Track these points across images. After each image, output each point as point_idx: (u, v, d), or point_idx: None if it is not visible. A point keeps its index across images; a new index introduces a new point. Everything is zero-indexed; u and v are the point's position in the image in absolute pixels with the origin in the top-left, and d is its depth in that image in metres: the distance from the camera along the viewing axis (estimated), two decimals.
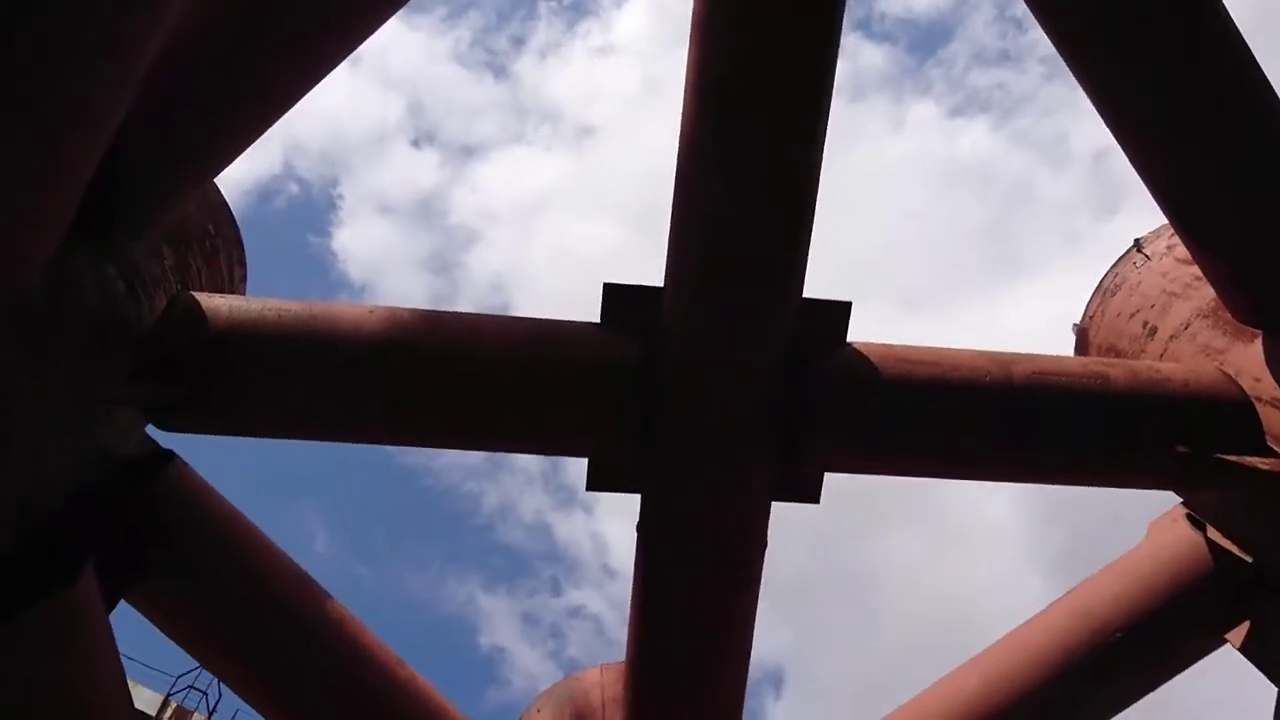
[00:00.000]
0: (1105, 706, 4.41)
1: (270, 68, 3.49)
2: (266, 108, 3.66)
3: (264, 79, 3.51)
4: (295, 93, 3.67)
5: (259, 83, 3.53)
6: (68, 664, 2.99)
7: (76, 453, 3.37)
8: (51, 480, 3.23)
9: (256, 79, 3.50)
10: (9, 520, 3.02)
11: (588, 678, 5.59)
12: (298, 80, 3.63)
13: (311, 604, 3.96)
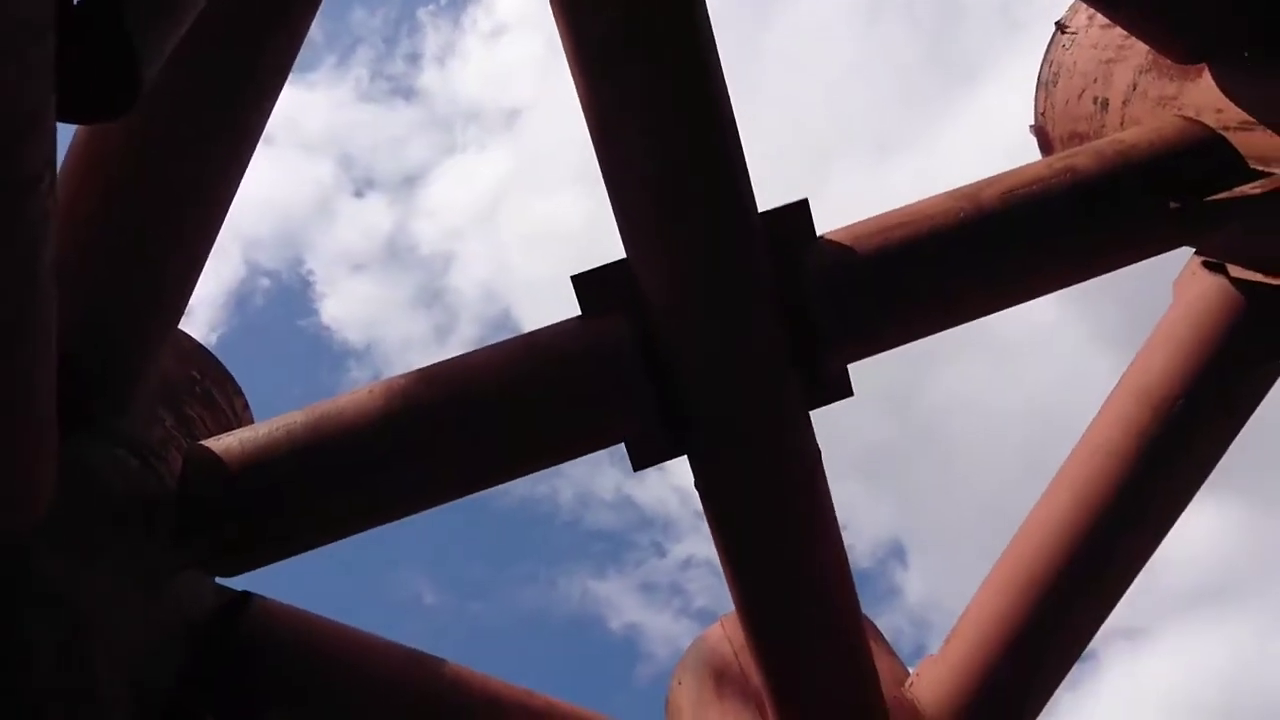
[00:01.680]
0: (1192, 475, 4.45)
1: (202, 170, 3.45)
2: (208, 217, 3.63)
3: (198, 185, 3.47)
4: (232, 185, 3.64)
5: (194, 193, 3.49)
6: None
7: (161, 630, 3.47)
8: (150, 665, 3.33)
9: (190, 190, 3.47)
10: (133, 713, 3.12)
11: (712, 635, 5.69)
12: (233, 169, 3.58)
13: (428, 677, 4.07)
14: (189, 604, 3.71)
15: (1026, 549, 4.90)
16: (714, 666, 5.48)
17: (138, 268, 3.42)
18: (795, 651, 4.33)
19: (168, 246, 3.46)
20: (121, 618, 3.24)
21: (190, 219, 3.53)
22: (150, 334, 3.59)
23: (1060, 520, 4.69)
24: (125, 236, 3.38)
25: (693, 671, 5.59)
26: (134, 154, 3.29)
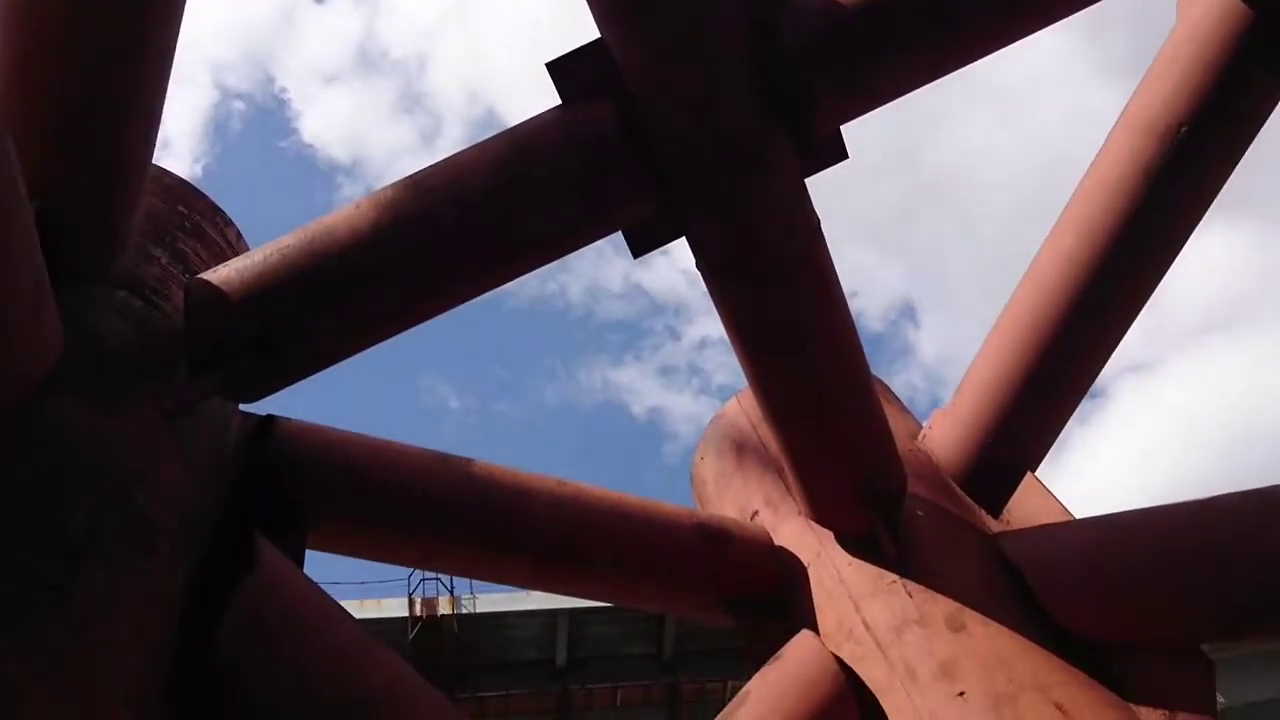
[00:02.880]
0: (1198, 201, 4.40)
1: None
2: (160, 37, 3.50)
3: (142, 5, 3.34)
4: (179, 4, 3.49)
5: (140, 14, 3.36)
6: (299, 635, 3.22)
7: (195, 461, 3.58)
8: (191, 495, 3.46)
9: (135, 12, 3.34)
10: (182, 542, 3.27)
11: (729, 410, 5.85)
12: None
13: (457, 475, 4.23)
14: (216, 433, 3.81)
15: (1033, 291, 4.93)
16: (733, 440, 5.67)
17: (98, 104, 3.31)
18: (809, 417, 4.45)
19: (124, 75, 3.34)
20: (155, 454, 3.34)
21: (141, 41, 3.38)
22: (126, 169, 3.51)
23: (1065, 259, 4.70)
24: (77, 74, 3.25)
25: (714, 446, 5.79)
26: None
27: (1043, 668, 3.99)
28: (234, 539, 3.47)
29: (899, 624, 4.30)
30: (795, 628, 4.65)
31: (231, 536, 3.51)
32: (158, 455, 3.32)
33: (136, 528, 2.99)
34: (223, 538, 3.54)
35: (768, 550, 4.94)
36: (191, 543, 3.32)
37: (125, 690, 2.50)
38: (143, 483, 3.13)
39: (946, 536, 4.63)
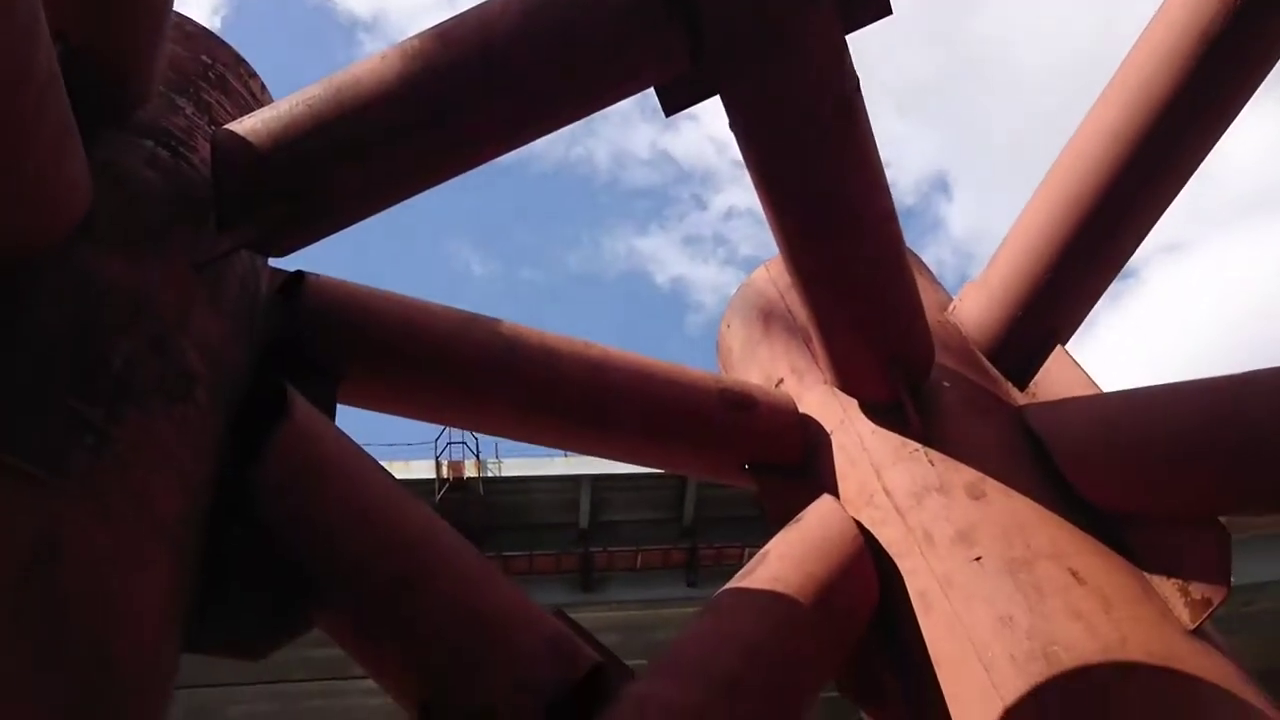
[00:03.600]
0: (1252, 72, 4.22)
1: None
2: None
3: None
4: None
5: None
6: (330, 483, 3.29)
7: (229, 312, 3.61)
8: (226, 345, 3.50)
9: None
10: (217, 392, 3.32)
11: (757, 278, 5.81)
12: None
13: (485, 333, 4.25)
14: (247, 287, 3.83)
15: (1074, 162, 4.80)
16: (760, 308, 5.65)
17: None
18: (840, 284, 4.40)
19: None
20: (187, 305, 3.36)
21: None
22: (147, 9, 3.42)
23: (1111, 129, 4.55)
24: None
25: (740, 314, 5.77)
26: None
27: (1060, 535, 4.05)
28: (267, 390, 3.53)
29: (919, 490, 4.36)
30: (816, 493, 4.73)
31: (264, 387, 3.57)
32: (190, 306, 3.34)
33: (173, 375, 3.03)
34: (256, 389, 3.60)
35: (791, 417, 4.98)
36: (226, 392, 3.38)
37: (166, 529, 2.58)
38: (177, 332, 3.17)
39: (971, 407, 4.64)
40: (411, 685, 2.98)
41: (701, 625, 3.51)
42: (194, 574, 2.72)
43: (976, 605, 3.91)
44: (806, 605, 3.71)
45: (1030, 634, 3.74)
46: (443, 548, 3.12)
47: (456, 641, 2.91)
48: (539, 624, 3.04)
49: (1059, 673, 3.61)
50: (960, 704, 3.80)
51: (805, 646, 3.64)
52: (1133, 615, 3.77)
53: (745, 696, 3.18)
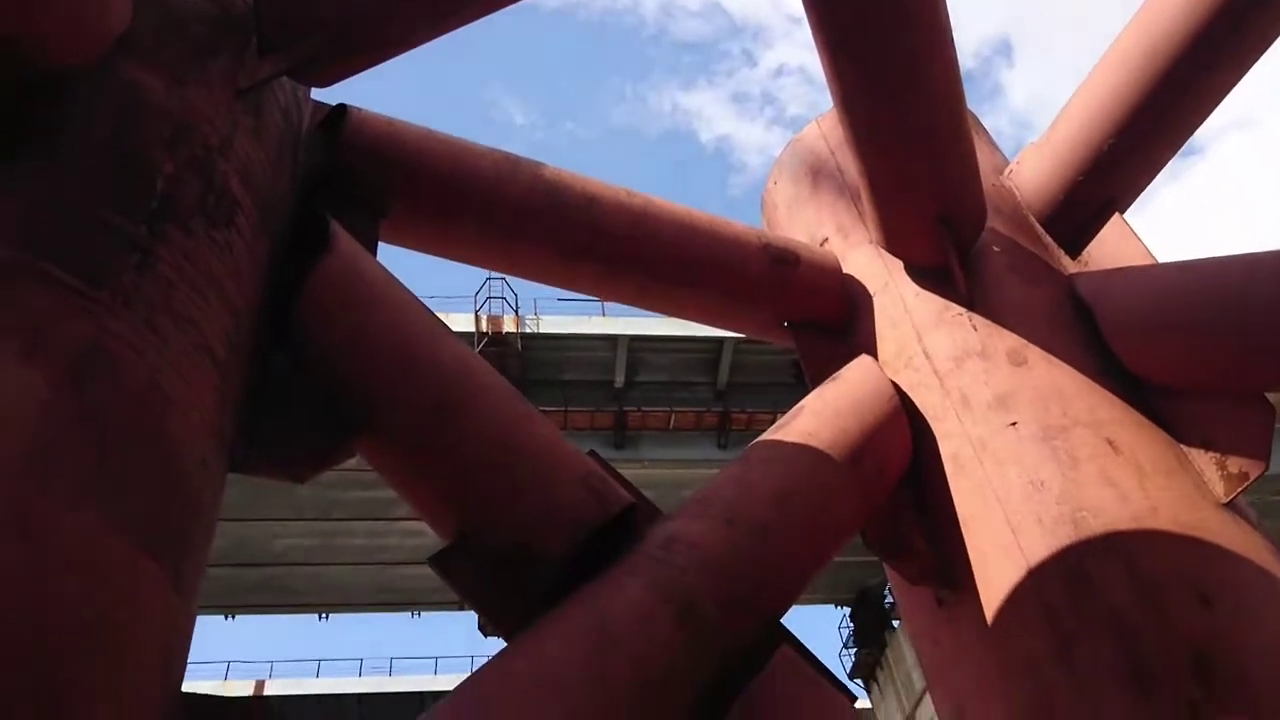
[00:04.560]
0: None
1: None
2: None
3: None
4: None
5: None
6: (371, 314, 3.30)
7: (270, 141, 3.57)
8: (268, 177, 3.47)
9: None
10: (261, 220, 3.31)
11: (808, 134, 5.64)
12: None
13: (527, 175, 4.19)
14: (290, 117, 3.77)
15: (1147, 23, 4.54)
16: (810, 164, 5.51)
17: None
18: (894, 139, 4.26)
19: None
20: (230, 130, 3.32)
21: None
22: None
23: None
24: None
25: (788, 170, 5.63)
26: None
27: (1099, 404, 4.02)
28: (310, 222, 3.52)
29: (959, 355, 4.32)
30: (855, 353, 4.70)
31: (307, 220, 3.56)
32: (233, 132, 3.30)
33: (216, 199, 3.02)
34: (299, 220, 3.59)
35: (835, 276, 4.92)
36: (269, 221, 3.37)
37: (210, 350, 2.61)
38: (220, 157, 3.13)
39: (1019, 273, 4.54)
40: (448, 515, 3.06)
41: (732, 473, 3.56)
42: (238, 398, 2.77)
43: (1009, 469, 3.92)
44: (838, 460, 3.74)
45: (1061, 499, 3.75)
46: (481, 382, 3.15)
47: (493, 472, 2.97)
48: (573, 462, 3.09)
49: (1086, 537, 3.63)
50: (984, 564, 3.86)
51: (833, 499, 3.68)
52: (1165, 486, 3.77)
53: (772, 541, 3.25)
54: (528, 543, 2.89)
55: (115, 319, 2.25)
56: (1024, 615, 3.61)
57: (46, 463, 1.87)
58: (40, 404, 1.91)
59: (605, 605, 2.77)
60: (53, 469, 1.88)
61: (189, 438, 2.26)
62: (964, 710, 3.84)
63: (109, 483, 1.97)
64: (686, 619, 2.84)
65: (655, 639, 2.75)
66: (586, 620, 2.70)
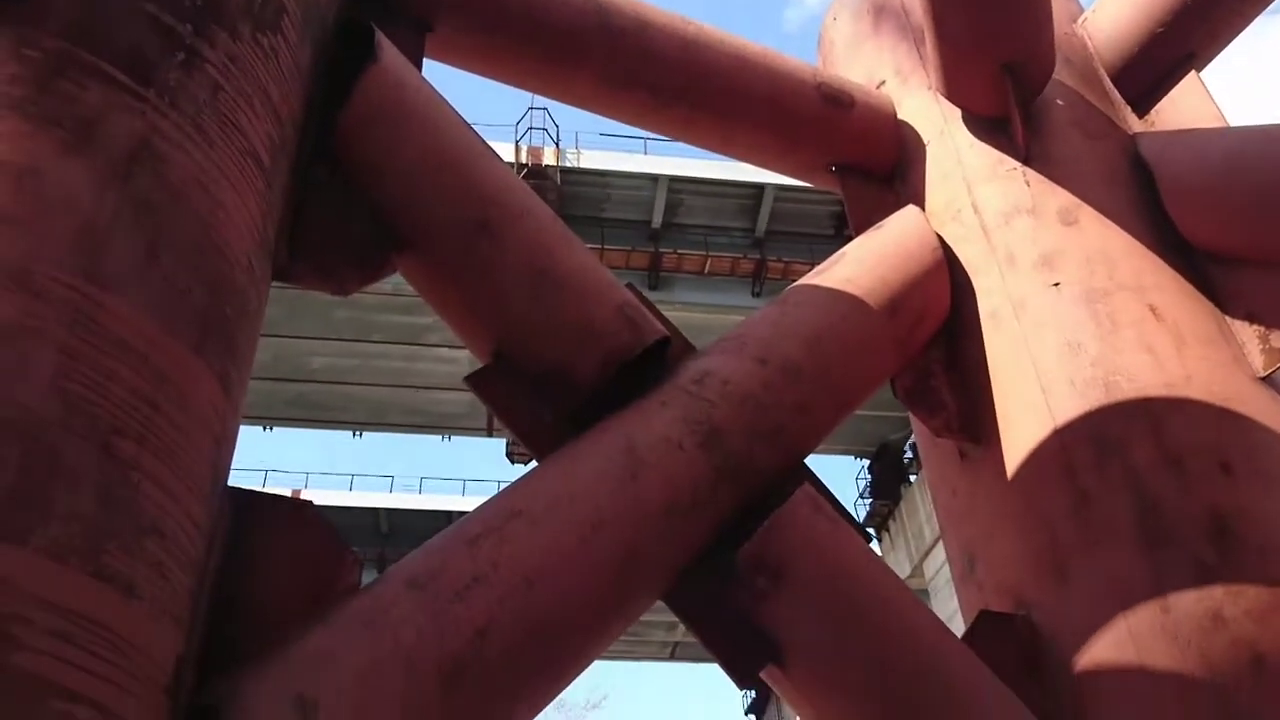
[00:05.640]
0: None
1: None
2: None
3: None
4: None
5: None
6: (415, 127, 3.24)
7: None
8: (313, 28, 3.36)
9: None
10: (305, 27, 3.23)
11: None
12: None
13: None
14: None
15: None
16: (872, 2, 5.26)
17: None
18: None
19: None
20: None
21: None
22: None
23: None
24: None
25: (850, 7, 5.39)
26: None
27: (1147, 269, 3.95)
28: (355, 33, 3.43)
29: (1009, 211, 4.23)
30: (902, 203, 4.62)
31: (352, 31, 3.46)
32: None
33: (263, 3, 2.94)
34: (344, 32, 3.50)
35: (889, 121, 4.77)
36: (314, 30, 3.29)
37: (255, 155, 2.60)
38: None
39: (1081, 128, 4.38)
40: (485, 335, 3.10)
41: (769, 313, 3.56)
42: (282, 206, 2.77)
43: (1046, 330, 3.90)
44: (875, 308, 3.73)
45: (1095, 362, 3.74)
46: (522, 202, 3.13)
47: (531, 292, 2.99)
48: (611, 289, 3.10)
49: (1116, 401, 3.64)
50: (1011, 423, 3.89)
51: (867, 346, 3.69)
52: (1203, 355, 3.74)
53: (803, 382, 3.28)
54: (562, 366, 2.94)
55: (163, 117, 2.24)
56: (1044, 472, 3.67)
57: (95, 255, 1.90)
58: (88, 196, 1.93)
59: (636, 432, 2.83)
60: (102, 262, 1.91)
61: (235, 241, 2.28)
62: (975, 558, 3.96)
63: (158, 280, 2.01)
64: (714, 450, 2.91)
65: (683, 466, 2.82)
66: (617, 444, 2.78)
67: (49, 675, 1.55)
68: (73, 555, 1.65)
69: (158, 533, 1.84)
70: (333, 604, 2.21)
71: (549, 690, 2.53)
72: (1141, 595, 3.27)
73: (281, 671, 2.00)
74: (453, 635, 2.22)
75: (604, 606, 2.60)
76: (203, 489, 2.04)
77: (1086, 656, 3.32)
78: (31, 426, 1.67)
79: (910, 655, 2.94)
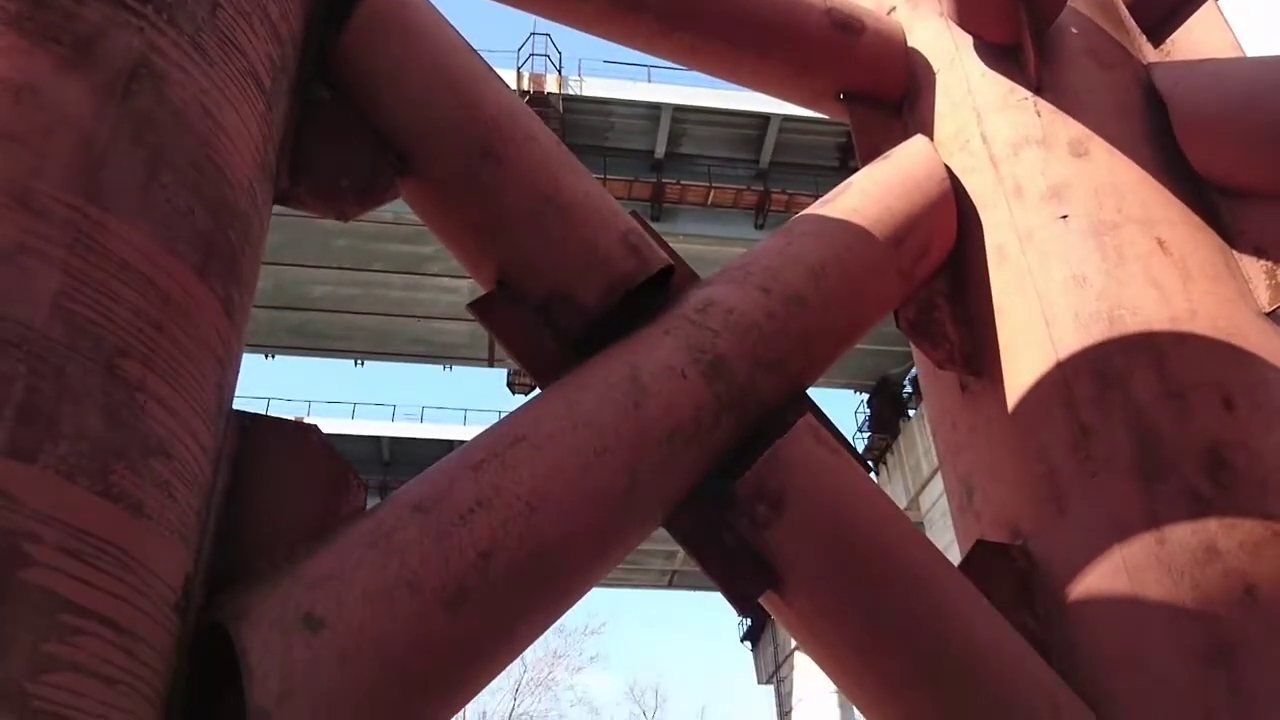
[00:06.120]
0: None
1: None
2: None
3: None
4: None
5: None
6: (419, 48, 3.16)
7: None
8: None
9: None
10: None
11: None
12: None
13: None
14: None
15: None
16: None
17: None
18: None
19: None
20: None
21: None
22: None
23: None
24: None
25: None
26: None
27: (1156, 203, 3.91)
28: None
29: (1019, 141, 4.18)
30: (910, 132, 4.56)
31: None
32: None
33: None
34: None
35: (898, 48, 4.68)
36: None
37: (255, 75, 2.55)
38: None
39: (1095, 58, 4.30)
40: (489, 261, 3.09)
41: (774, 243, 3.54)
42: (283, 128, 2.73)
43: (1052, 262, 3.88)
44: (880, 239, 3.70)
45: (1101, 296, 3.73)
46: (526, 126, 3.09)
47: (535, 218, 2.96)
48: (616, 217, 3.07)
49: (1120, 335, 3.64)
50: (1014, 356, 3.89)
51: (872, 277, 3.67)
52: (1209, 290, 3.72)
53: (807, 312, 3.27)
54: (566, 292, 2.92)
55: (161, 35, 2.20)
56: (1046, 405, 3.68)
57: (95, 174, 1.87)
58: (87, 114, 1.90)
59: (639, 360, 2.83)
60: (103, 180, 1.89)
61: (237, 163, 2.25)
62: (973, 489, 3.99)
63: (160, 201, 1.99)
64: (717, 379, 2.91)
65: (686, 394, 2.83)
66: (620, 372, 2.78)
67: (60, 591, 1.58)
68: (81, 474, 1.67)
69: (164, 454, 1.85)
70: (338, 526, 2.23)
71: (550, 613, 2.57)
72: (1137, 527, 3.30)
73: (288, 591, 2.03)
74: (456, 558, 2.25)
75: (605, 532, 2.63)
76: (208, 411, 2.05)
77: (1080, 586, 3.37)
78: (36, 346, 1.67)
79: (907, 582, 2.98)
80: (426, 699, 2.21)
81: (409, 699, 2.15)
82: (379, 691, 2.06)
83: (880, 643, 2.96)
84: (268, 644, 1.92)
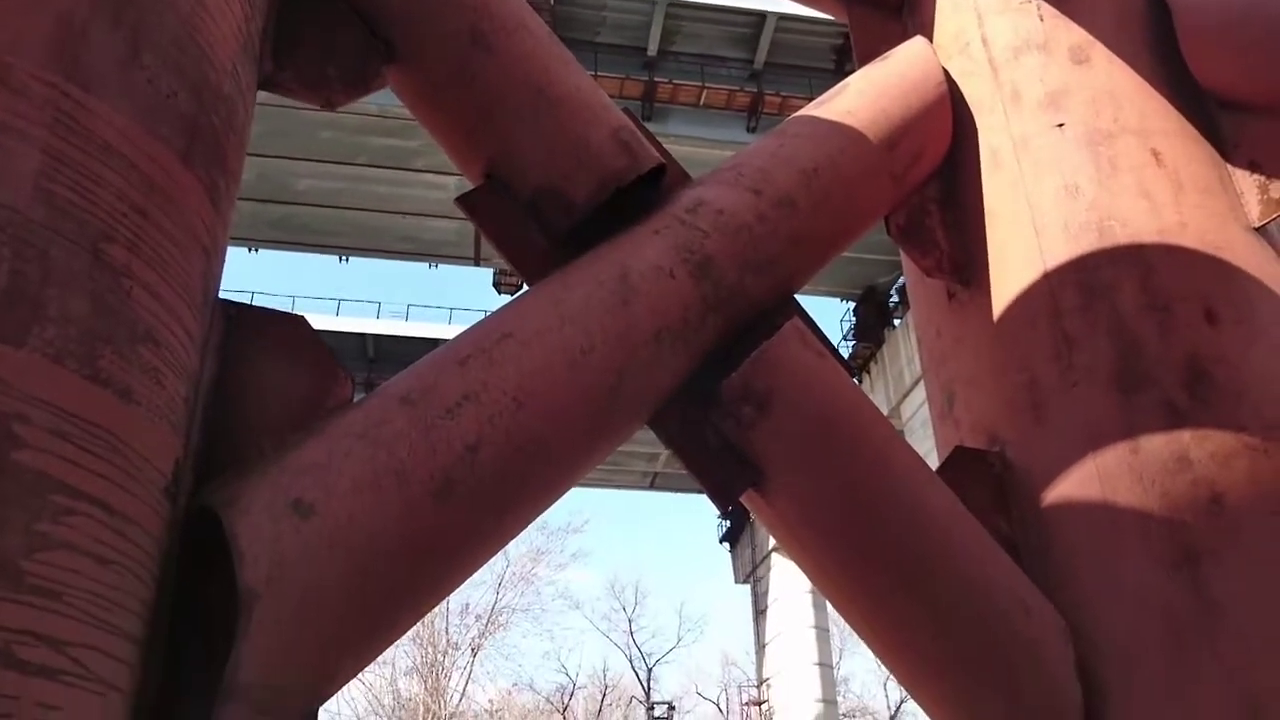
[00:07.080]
0: None
1: None
2: None
3: None
4: None
5: None
6: None
7: None
8: None
9: None
10: None
11: None
12: None
13: None
14: None
15: None
16: None
17: None
18: None
19: None
20: None
21: None
22: None
23: None
24: None
25: None
26: None
27: (1153, 113, 3.87)
28: None
29: (1019, 46, 4.10)
30: (910, 34, 4.46)
31: None
32: None
33: None
34: None
35: None
36: None
37: None
38: None
39: None
40: (477, 154, 3.04)
41: (766, 144, 3.49)
42: (266, 10, 2.65)
43: (1045, 171, 3.85)
44: (873, 142, 3.65)
45: (1092, 206, 3.72)
46: (517, 14, 2.99)
47: (526, 110, 2.91)
48: (608, 112, 3.02)
49: (1108, 246, 3.64)
50: (1002, 264, 3.89)
51: (864, 180, 3.64)
52: (1201, 204, 3.71)
53: (797, 214, 3.25)
54: (555, 187, 2.89)
55: None
56: (1031, 314, 3.70)
57: (74, 52, 1.82)
58: None
59: (628, 258, 2.82)
60: (83, 60, 1.84)
61: (220, 45, 2.19)
62: (954, 396, 4.04)
63: (141, 83, 1.94)
64: (705, 280, 2.91)
65: (674, 294, 2.83)
66: (609, 270, 2.77)
67: (50, 472, 1.59)
68: (69, 358, 1.66)
69: (152, 340, 1.85)
70: (326, 417, 2.25)
71: (535, 507, 2.61)
72: (1113, 436, 3.36)
73: (277, 478, 2.05)
74: (444, 450, 2.28)
75: (590, 429, 2.66)
76: (195, 299, 2.03)
77: (1055, 492, 3.44)
78: (19, 228, 1.65)
79: (886, 484, 3.04)
80: (412, 587, 2.26)
81: (395, 586, 2.20)
82: (366, 578, 2.11)
83: (858, 542, 3.04)
84: (257, 528, 1.95)
